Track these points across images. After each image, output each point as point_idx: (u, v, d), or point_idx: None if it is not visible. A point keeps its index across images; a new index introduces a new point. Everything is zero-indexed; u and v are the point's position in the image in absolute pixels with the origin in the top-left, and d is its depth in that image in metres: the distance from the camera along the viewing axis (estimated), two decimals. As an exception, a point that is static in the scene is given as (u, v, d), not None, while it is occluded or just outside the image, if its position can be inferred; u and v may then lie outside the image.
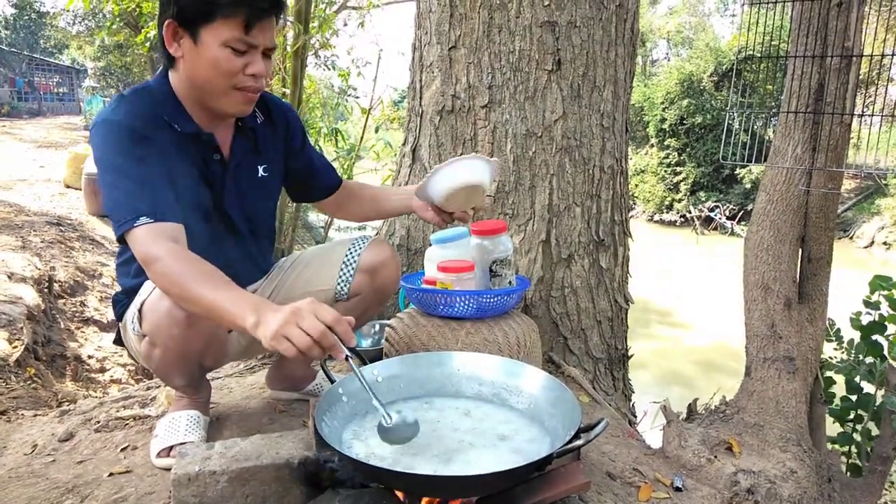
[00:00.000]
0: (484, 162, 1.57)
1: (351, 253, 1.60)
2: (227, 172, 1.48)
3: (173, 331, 1.31)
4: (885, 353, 2.24)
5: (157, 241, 1.21)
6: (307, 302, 1.09)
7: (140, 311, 1.36)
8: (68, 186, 7.69)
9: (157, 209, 1.24)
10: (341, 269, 1.59)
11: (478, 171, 1.57)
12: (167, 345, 1.35)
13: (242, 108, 1.39)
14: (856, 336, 2.34)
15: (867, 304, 2.31)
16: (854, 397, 2.28)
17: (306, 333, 1.05)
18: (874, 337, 2.29)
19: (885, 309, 2.29)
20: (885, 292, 2.29)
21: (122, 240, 1.26)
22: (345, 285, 1.60)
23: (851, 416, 2.30)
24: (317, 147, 4.25)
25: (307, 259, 1.68)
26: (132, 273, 1.49)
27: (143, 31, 5.47)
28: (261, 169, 1.56)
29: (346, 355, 1.11)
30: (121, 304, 1.54)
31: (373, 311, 1.76)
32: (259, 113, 1.54)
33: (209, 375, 1.70)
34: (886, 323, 2.28)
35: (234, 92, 1.34)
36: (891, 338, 2.26)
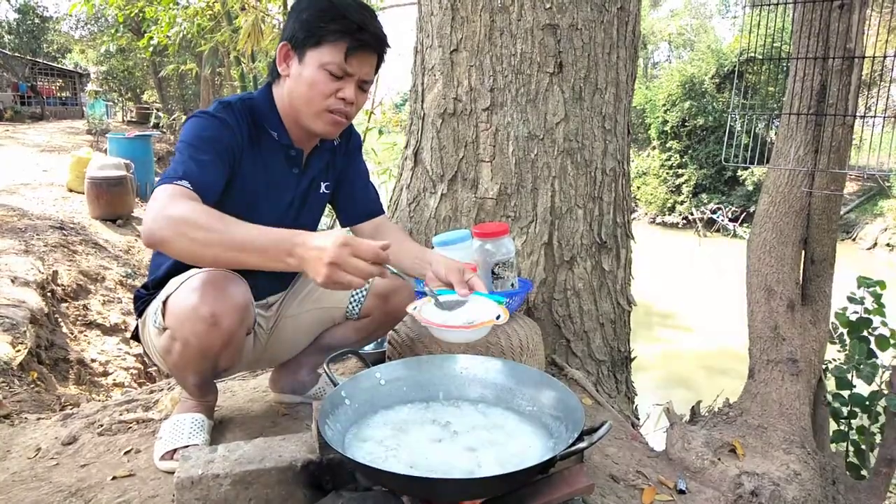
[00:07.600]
0: (484, 330, 1.42)
1: None
2: (298, 187, 1.58)
3: (197, 327, 1.33)
4: (873, 346, 2.26)
5: (183, 196, 1.24)
6: (341, 242, 1.11)
7: (165, 304, 1.39)
8: (71, 190, 7.68)
9: (201, 185, 1.29)
10: (354, 290, 1.60)
11: (477, 335, 1.44)
12: (188, 340, 1.36)
13: (330, 129, 1.48)
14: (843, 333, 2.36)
15: (851, 300, 2.34)
16: (846, 393, 2.28)
17: (356, 276, 1.12)
18: (863, 333, 2.31)
19: (869, 304, 2.32)
20: (870, 289, 2.32)
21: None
22: (356, 306, 1.65)
23: (845, 412, 2.30)
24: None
25: None
26: (165, 266, 1.51)
27: (145, 35, 5.48)
28: (323, 186, 1.65)
29: (392, 271, 1.22)
30: (142, 299, 1.57)
31: (382, 333, 1.80)
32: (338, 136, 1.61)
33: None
34: (872, 316, 2.30)
35: (325, 114, 1.44)
36: (877, 333, 2.29)
